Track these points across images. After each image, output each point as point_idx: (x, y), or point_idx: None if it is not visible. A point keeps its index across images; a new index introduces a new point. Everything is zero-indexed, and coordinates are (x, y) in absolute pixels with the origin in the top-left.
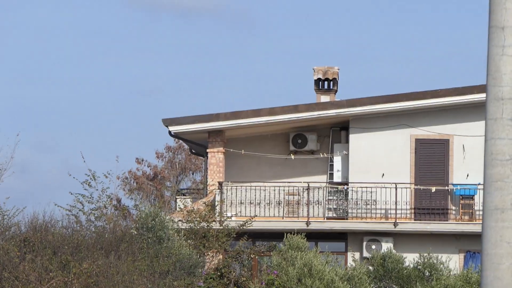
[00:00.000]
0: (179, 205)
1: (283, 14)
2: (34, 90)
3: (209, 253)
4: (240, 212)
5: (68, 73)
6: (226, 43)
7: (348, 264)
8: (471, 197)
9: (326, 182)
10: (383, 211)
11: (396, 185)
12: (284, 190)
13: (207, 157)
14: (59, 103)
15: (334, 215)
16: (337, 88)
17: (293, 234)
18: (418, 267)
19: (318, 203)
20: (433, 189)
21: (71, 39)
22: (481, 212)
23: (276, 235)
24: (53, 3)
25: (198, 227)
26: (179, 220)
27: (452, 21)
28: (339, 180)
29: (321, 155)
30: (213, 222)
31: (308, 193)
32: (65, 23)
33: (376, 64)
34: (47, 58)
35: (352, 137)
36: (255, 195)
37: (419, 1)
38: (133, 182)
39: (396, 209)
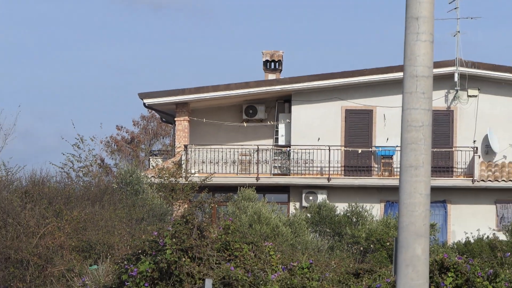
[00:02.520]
0: (152, 164)
1: (238, 8)
2: (33, 69)
3: (177, 203)
4: (202, 169)
5: (62, 56)
6: (191, 32)
7: (290, 212)
8: (390, 157)
9: (272, 145)
10: (318, 169)
11: (329, 147)
12: (238, 152)
13: (175, 124)
14: (54, 80)
15: (279, 172)
16: (281, 68)
17: (245, 188)
18: (347, 214)
19: (266, 162)
20: (359, 150)
21: (65, 26)
22: (398, 169)
23: (231, 189)
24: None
25: (167, 182)
26: (152, 176)
27: (376, 12)
28: (283, 143)
29: (269, 123)
30: (180, 178)
31: (257, 154)
32: (59, 15)
33: (314, 48)
34: (44, 42)
35: (294, 108)
36: (214, 155)
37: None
38: (114, 145)
39: (329, 167)
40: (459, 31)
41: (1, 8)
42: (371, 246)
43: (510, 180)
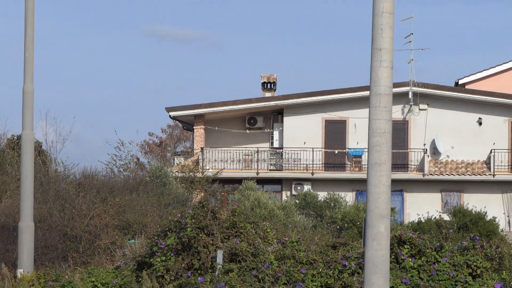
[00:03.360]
0: (176, 162)
1: (241, 41)
2: (85, 90)
3: (195, 192)
4: (214, 166)
5: (108, 78)
6: (206, 58)
7: (283, 199)
8: (360, 157)
9: (269, 148)
10: (304, 165)
11: (312, 149)
12: (242, 152)
13: (194, 131)
14: (101, 97)
15: (274, 168)
16: (275, 87)
17: (248, 180)
18: (327, 200)
19: (264, 160)
20: (336, 151)
21: (111, 55)
22: (366, 166)
23: (237, 181)
24: (90, 31)
25: (188, 176)
26: (176, 171)
27: (350, 43)
28: (277, 146)
29: (266, 130)
30: (197, 173)
31: (257, 154)
32: (105, 46)
33: (301, 72)
34: (94, 68)
35: (285, 119)
36: (224, 155)
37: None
38: (147, 147)
39: (313, 164)
40: (412, 59)
41: (62, 45)
42: (345, 225)
43: (452, 174)
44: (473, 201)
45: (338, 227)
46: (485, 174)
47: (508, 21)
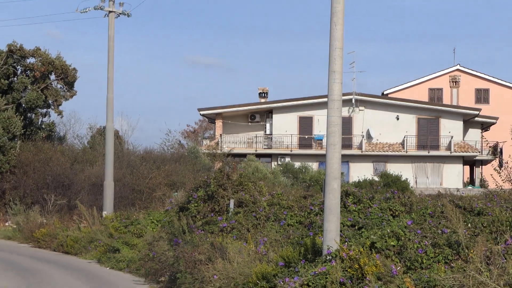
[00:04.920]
0: (204, 143)
1: (247, 66)
2: (148, 97)
3: (216, 163)
4: (229, 146)
5: (161, 90)
6: (221, 76)
7: (272, 167)
8: (321, 140)
9: (263, 134)
10: (286, 146)
11: (291, 135)
12: (246, 137)
13: (215, 124)
14: (156, 102)
15: (266, 147)
16: (268, 96)
17: (250, 155)
18: (300, 168)
19: (260, 142)
20: (306, 136)
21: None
22: (325, 146)
23: (243, 155)
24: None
25: (211, 152)
26: (204, 149)
27: (315, 68)
28: (269, 133)
29: (261, 123)
30: (218, 150)
31: (256, 138)
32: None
33: (285, 86)
34: (157, 84)
35: (274, 116)
36: (234, 139)
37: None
38: (185, 134)
39: (291, 144)
40: (354, 78)
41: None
42: (312, 183)
43: (380, 151)
44: (393, 169)
45: (307, 185)
46: (401, 151)
47: (413, 53)
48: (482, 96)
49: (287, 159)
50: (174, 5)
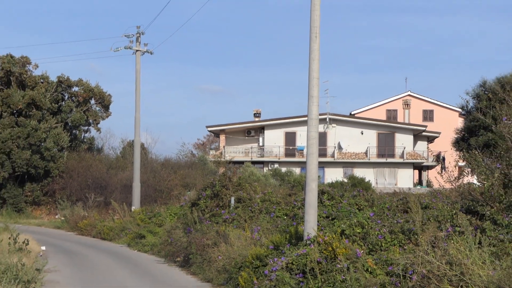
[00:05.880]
0: (211, 153)
1: (245, 92)
2: (165, 117)
3: (220, 168)
4: (230, 155)
5: (177, 111)
6: (224, 101)
7: (264, 172)
8: (302, 150)
9: (257, 146)
10: (275, 155)
11: (279, 146)
12: (244, 148)
13: (219, 137)
14: (173, 121)
15: (260, 156)
16: (261, 116)
17: (247, 162)
18: (286, 172)
19: (255, 152)
20: (291, 147)
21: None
22: (306, 155)
23: (241, 163)
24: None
25: (216, 160)
26: (211, 158)
27: (298, 93)
28: (262, 145)
29: (255, 137)
30: (221, 158)
31: (251, 149)
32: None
33: (274, 107)
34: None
35: (266, 131)
36: (234, 149)
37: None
38: (196, 146)
39: (279, 153)
40: (328, 101)
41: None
42: (295, 184)
43: (348, 159)
44: (359, 173)
45: (291, 185)
46: (364, 159)
47: (374, 81)
48: (428, 115)
49: (276, 165)
50: (188, 43)
